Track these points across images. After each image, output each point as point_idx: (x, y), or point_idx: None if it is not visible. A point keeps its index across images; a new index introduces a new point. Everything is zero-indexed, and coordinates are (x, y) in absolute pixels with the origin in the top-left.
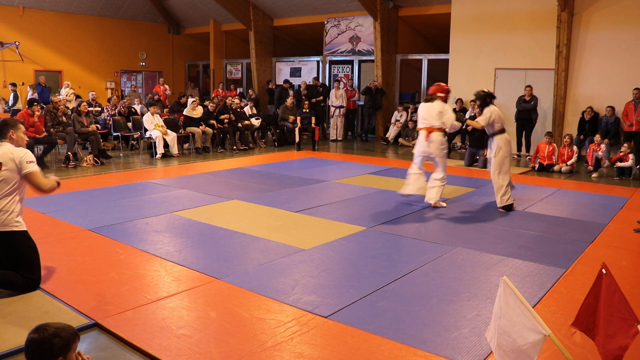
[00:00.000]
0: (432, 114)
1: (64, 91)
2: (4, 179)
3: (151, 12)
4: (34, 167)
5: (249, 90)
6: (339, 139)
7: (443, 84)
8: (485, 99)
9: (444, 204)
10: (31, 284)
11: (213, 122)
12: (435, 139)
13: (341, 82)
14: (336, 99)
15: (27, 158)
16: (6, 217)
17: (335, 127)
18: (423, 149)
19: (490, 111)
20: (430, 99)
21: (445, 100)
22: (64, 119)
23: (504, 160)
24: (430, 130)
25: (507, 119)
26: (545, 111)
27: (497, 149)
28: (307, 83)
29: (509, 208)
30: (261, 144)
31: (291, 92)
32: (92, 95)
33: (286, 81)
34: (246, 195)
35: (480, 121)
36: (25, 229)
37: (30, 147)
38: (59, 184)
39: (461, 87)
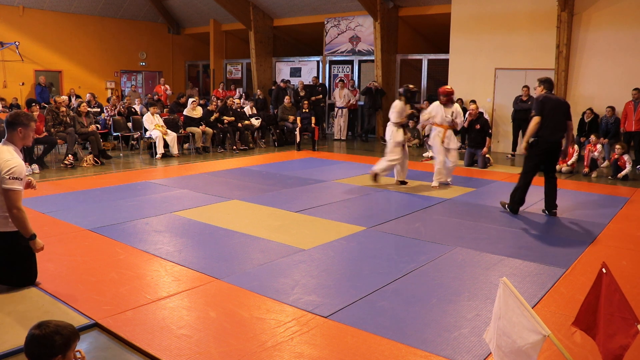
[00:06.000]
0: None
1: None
2: None
3: (151, 12)
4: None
5: (258, 91)
6: (343, 138)
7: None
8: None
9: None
10: (27, 280)
11: (215, 116)
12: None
13: (342, 81)
14: (339, 98)
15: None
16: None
17: (339, 126)
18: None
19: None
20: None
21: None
22: (67, 119)
23: None
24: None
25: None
26: None
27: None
28: (305, 83)
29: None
30: (261, 144)
31: (288, 92)
32: (89, 96)
33: (284, 81)
34: (246, 195)
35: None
36: None
37: (30, 147)
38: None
39: (461, 87)
